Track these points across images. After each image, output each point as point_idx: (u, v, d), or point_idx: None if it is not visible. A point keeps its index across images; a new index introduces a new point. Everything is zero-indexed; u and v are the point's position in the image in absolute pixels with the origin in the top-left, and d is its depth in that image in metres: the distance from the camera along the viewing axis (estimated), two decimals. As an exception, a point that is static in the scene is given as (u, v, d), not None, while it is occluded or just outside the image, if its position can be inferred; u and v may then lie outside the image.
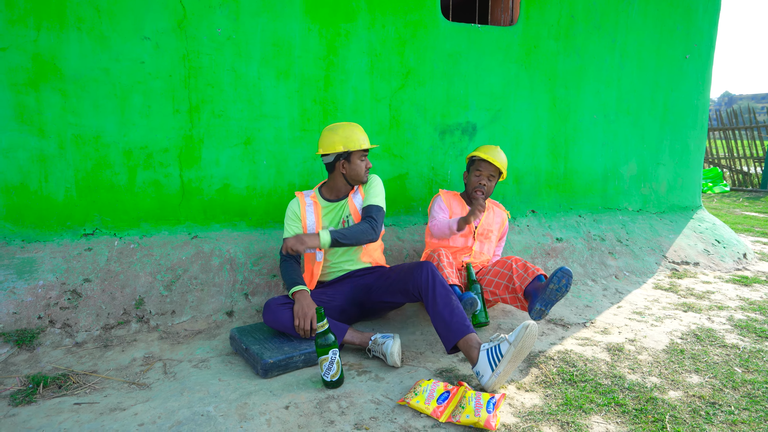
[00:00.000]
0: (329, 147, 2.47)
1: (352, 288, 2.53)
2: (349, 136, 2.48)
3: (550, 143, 3.75)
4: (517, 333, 1.96)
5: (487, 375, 1.96)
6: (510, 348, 1.95)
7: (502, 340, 2.01)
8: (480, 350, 2.03)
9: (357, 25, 3.15)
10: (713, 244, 3.96)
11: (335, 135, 2.47)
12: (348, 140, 2.47)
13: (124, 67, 2.75)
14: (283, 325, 2.30)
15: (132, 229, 2.89)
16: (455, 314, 2.15)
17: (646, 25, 3.85)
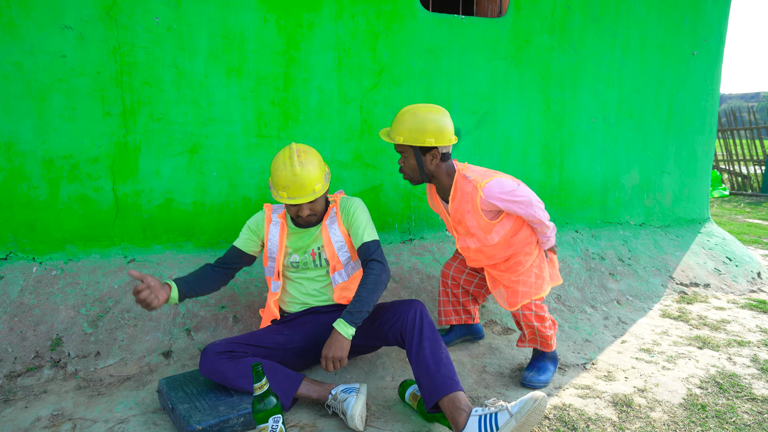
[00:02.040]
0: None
1: (316, 326, 2.10)
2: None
3: (544, 150, 3.34)
4: (522, 404, 1.56)
5: None
6: (510, 421, 1.55)
7: (501, 409, 1.60)
8: (470, 415, 1.63)
9: (322, 15, 2.73)
10: (724, 262, 3.57)
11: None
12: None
13: (40, 62, 2.32)
14: (223, 378, 1.87)
15: (55, 253, 2.46)
16: (443, 365, 1.75)
17: (650, 18, 3.46)
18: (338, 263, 2.07)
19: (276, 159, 1.94)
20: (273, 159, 2.03)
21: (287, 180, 1.88)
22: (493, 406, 1.63)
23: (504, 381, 2.16)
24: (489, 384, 2.14)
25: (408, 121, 2.00)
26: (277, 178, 1.90)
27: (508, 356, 2.40)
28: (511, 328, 2.71)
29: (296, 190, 1.89)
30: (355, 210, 2.08)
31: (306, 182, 1.89)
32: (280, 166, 1.90)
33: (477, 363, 2.33)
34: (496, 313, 2.81)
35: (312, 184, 1.90)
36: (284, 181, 1.88)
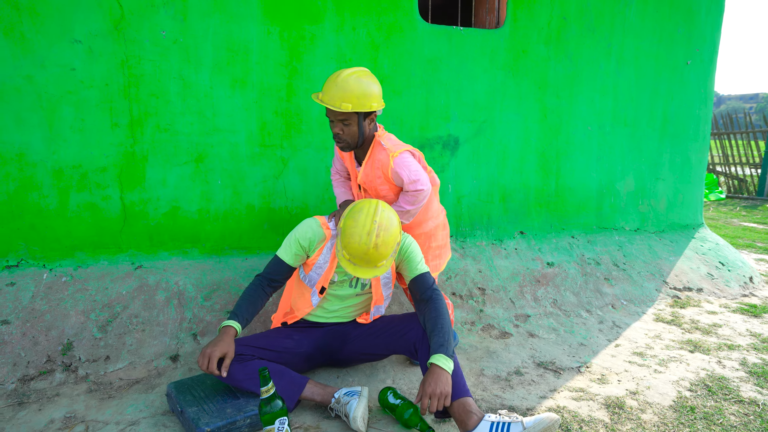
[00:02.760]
0: None
1: (325, 334, 2.17)
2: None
3: (541, 157, 3.42)
4: (538, 421, 1.61)
5: None
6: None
7: (515, 420, 1.65)
8: (482, 419, 1.68)
9: (324, 28, 2.80)
10: (717, 267, 3.65)
11: None
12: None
13: (51, 75, 2.39)
14: (232, 379, 1.94)
15: (65, 260, 2.53)
16: (456, 374, 1.80)
17: (645, 28, 3.54)
18: (380, 298, 2.11)
19: (355, 225, 1.83)
20: (349, 219, 1.86)
21: (360, 253, 1.82)
22: (507, 416, 1.69)
23: (501, 385, 2.23)
24: (486, 387, 2.21)
25: (354, 86, 1.97)
26: (351, 247, 1.83)
27: (505, 360, 2.47)
28: (508, 332, 2.78)
29: (363, 264, 1.86)
30: (409, 245, 2.05)
31: (376, 261, 1.85)
32: (356, 237, 1.81)
33: (475, 366, 2.40)
34: (494, 318, 2.88)
35: (381, 260, 1.87)
36: (356, 252, 1.83)
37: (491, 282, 3.07)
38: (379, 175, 2.13)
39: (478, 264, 3.15)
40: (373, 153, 2.13)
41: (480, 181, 3.29)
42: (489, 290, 3.03)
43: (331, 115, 2.03)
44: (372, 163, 2.14)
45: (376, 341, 2.06)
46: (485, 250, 3.26)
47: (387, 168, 2.09)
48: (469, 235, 3.30)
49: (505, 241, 3.36)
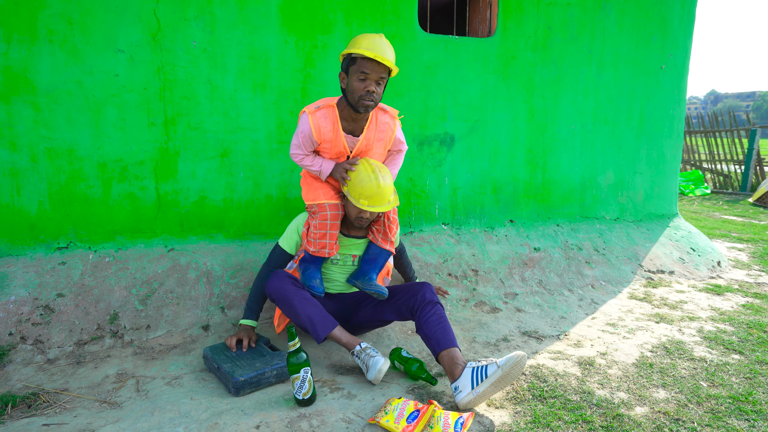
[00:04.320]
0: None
1: (341, 300, 2.54)
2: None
3: (529, 153, 3.78)
4: (508, 359, 1.96)
5: (465, 392, 1.97)
6: (497, 371, 1.95)
7: (491, 362, 2.00)
8: (465, 367, 2.04)
9: (334, 38, 3.15)
10: (688, 252, 4.02)
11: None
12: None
13: (97, 80, 2.73)
14: (285, 297, 2.23)
15: (107, 243, 2.87)
16: (445, 327, 2.19)
17: (623, 36, 3.90)
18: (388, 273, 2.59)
19: (359, 174, 2.24)
20: (352, 174, 2.26)
21: (371, 192, 2.22)
22: (485, 360, 2.05)
23: (490, 349, 2.59)
24: (477, 351, 2.57)
25: (391, 49, 2.18)
26: (363, 190, 2.22)
27: (494, 330, 2.83)
28: (497, 308, 3.14)
29: (378, 201, 2.25)
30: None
31: (386, 195, 2.26)
32: (365, 179, 2.23)
33: (468, 335, 2.75)
34: (485, 296, 3.24)
35: (389, 194, 2.28)
36: (369, 192, 2.22)
37: (483, 264, 3.43)
38: (381, 137, 2.37)
39: (471, 249, 3.51)
40: (377, 116, 2.36)
41: (474, 175, 3.64)
42: (481, 272, 3.38)
43: (376, 73, 2.15)
44: (376, 126, 2.34)
45: (385, 307, 2.42)
46: (478, 237, 3.62)
47: (393, 129, 2.39)
48: (463, 223, 3.66)
49: (497, 229, 3.72)
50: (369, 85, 2.15)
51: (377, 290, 2.36)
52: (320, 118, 2.28)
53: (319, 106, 2.30)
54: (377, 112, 2.36)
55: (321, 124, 2.28)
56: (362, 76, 2.15)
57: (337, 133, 2.31)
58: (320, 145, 2.35)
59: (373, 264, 2.45)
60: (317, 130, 2.28)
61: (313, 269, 2.39)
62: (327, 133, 2.30)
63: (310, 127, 2.27)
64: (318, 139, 2.31)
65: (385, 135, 2.38)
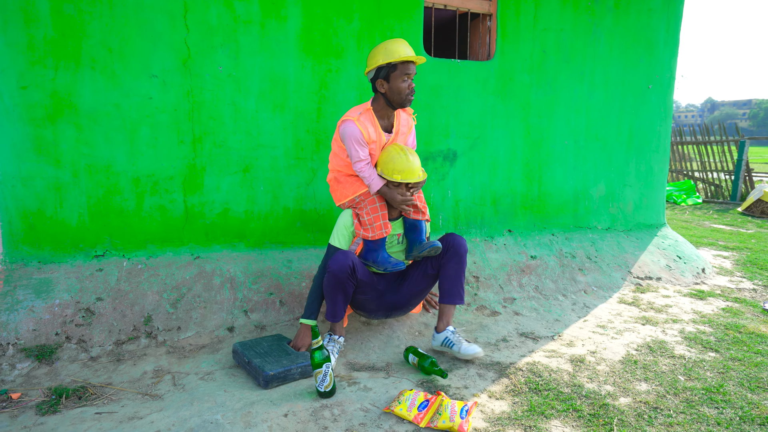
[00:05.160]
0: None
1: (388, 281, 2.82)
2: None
3: (525, 167, 4.06)
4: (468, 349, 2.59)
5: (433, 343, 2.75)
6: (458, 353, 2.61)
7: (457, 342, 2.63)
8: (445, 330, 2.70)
9: (347, 62, 3.43)
10: (675, 259, 4.30)
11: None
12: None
13: (133, 103, 3.00)
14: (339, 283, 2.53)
15: (139, 251, 3.13)
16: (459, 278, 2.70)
17: (612, 58, 4.19)
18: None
19: (389, 153, 2.60)
20: (382, 157, 2.62)
21: (403, 166, 2.56)
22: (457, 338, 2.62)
23: (491, 348, 2.85)
24: (479, 349, 2.83)
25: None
26: (396, 165, 2.55)
27: (494, 331, 3.09)
28: (497, 311, 3.40)
29: (410, 173, 2.57)
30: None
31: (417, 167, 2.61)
32: (395, 156, 2.58)
33: (470, 336, 3.02)
34: (486, 300, 3.50)
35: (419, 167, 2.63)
36: (402, 167, 2.56)
37: (484, 271, 3.70)
38: (404, 131, 2.79)
39: (473, 256, 3.78)
40: (400, 115, 2.78)
41: (474, 188, 3.92)
42: (482, 278, 3.65)
43: (413, 72, 2.59)
44: (400, 121, 2.77)
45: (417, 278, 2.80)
46: (479, 245, 3.89)
47: (411, 125, 2.83)
48: (465, 233, 3.93)
49: (496, 238, 3.99)
50: (411, 83, 2.61)
51: (432, 245, 2.65)
52: (364, 121, 2.63)
53: (359, 112, 2.64)
54: (399, 111, 2.76)
55: (366, 126, 2.62)
56: (406, 77, 2.58)
57: (378, 132, 2.68)
58: (369, 145, 2.64)
59: (418, 232, 2.76)
60: (365, 131, 2.61)
61: (381, 252, 2.66)
62: (372, 134, 2.65)
63: (360, 130, 2.58)
64: (367, 140, 2.62)
65: (406, 128, 2.81)
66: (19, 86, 2.77)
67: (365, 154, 2.64)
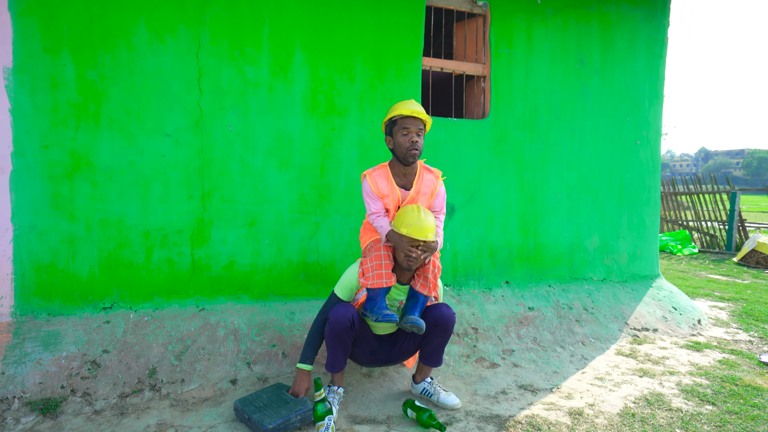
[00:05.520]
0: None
1: (384, 343, 2.88)
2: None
3: (521, 220, 4.20)
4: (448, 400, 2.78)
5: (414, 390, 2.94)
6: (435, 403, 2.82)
7: (435, 392, 2.82)
8: (423, 381, 2.89)
9: (349, 121, 3.63)
10: (670, 311, 4.36)
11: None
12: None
13: (147, 160, 3.16)
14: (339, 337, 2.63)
15: (146, 303, 3.21)
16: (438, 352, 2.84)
17: (600, 116, 4.42)
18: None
19: (405, 208, 2.64)
20: (401, 210, 2.64)
21: (413, 221, 2.56)
22: (435, 387, 2.80)
23: (490, 400, 2.88)
24: (479, 402, 2.86)
25: (422, 108, 2.68)
26: (408, 221, 2.56)
27: (493, 383, 3.13)
28: (496, 363, 3.44)
29: (416, 230, 2.55)
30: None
31: (428, 229, 2.58)
32: (408, 212, 2.60)
33: (470, 388, 3.05)
34: (485, 352, 3.55)
35: (430, 230, 2.59)
36: (413, 223, 2.55)
37: (482, 323, 3.76)
38: (426, 191, 2.79)
39: (471, 308, 3.85)
40: (422, 174, 2.81)
41: (472, 240, 4.04)
42: (481, 329, 3.71)
43: (414, 126, 2.65)
44: (422, 182, 2.79)
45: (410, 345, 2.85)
46: (477, 297, 3.97)
47: (436, 186, 2.82)
48: (463, 284, 4.02)
49: (494, 289, 4.08)
50: (412, 137, 2.65)
51: (415, 323, 2.66)
52: (376, 177, 2.76)
53: (375, 168, 2.81)
54: (422, 171, 2.82)
55: (377, 180, 2.75)
56: (405, 131, 2.65)
57: (391, 187, 2.77)
58: (381, 198, 2.77)
59: (414, 303, 2.73)
60: (375, 186, 2.75)
61: (379, 302, 2.67)
62: (384, 188, 2.76)
63: (369, 185, 2.76)
64: (377, 194, 2.75)
65: (429, 189, 2.82)
66: (42, 145, 2.93)
67: (377, 207, 2.77)
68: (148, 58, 3.12)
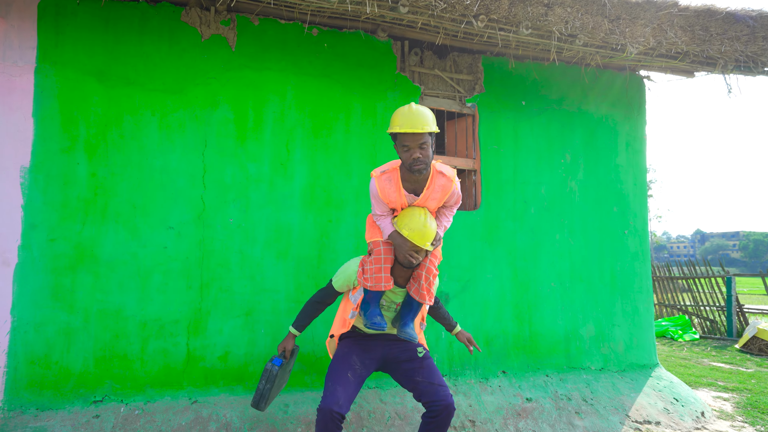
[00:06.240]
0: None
1: (383, 358, 2.81)
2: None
3: (515, 309, 4.23)
4: None
5: None
6: None
7: None
8: None
9: (346, 213, 3.78)
10: (672, 402, 4.28)
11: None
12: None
13: (149, 252, 3.27)
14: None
15: (138, 395, 3.17)
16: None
17: (588, 207, 4.59)
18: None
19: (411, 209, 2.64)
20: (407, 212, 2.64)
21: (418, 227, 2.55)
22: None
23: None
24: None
25: (426, 113, 2.52)
26: (410, 225, 2.56)
27: None
28: None
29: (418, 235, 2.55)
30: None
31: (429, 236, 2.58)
32: (414, 215, 2.60)
33: None
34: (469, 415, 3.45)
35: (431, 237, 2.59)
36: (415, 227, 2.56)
37: (480, 415, 3.68)
38: (436, 197, 2.68)
39: (468, 399, 3.78)
40: (434, 180, 2.65)
41: (467, 329, 4.04)
42: (478, 422, 3.62)
43: (413, 142, 2.49)
44: (434, 187, 2.66)
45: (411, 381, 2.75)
46: (474, 387, 3.91)
47: (449, 190, 2.68)
48: (460, 374, 3.97)
49: (490, 379, 4.03)
50: (413, 153, 2.51)
51: (408, 336, 2.65)
52: (384, 180, 2.65)
53: (384, 170, 2.68)
54: (435, 175, 2.65)
55: (384, 186, 2.65)
56: (405, 148, 2.53)
57: (399, 192, 2.66)
58: (389, 203, 2.70)
59: (408, 310, 2.73)
60: (382, 191, 2.65)
61: (373, 308, 2.67)
62: (391, 193, 2.66)
63: (377, 189, 2.65)
64: (383, 198, 2.67)
65: (440, 195, 2.70)
66: (49, 239, 3.06)
67: (381, 210, 2.73)
68: (157, 156, 3.33)
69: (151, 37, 3.39)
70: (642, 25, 3.50)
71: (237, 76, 3.57)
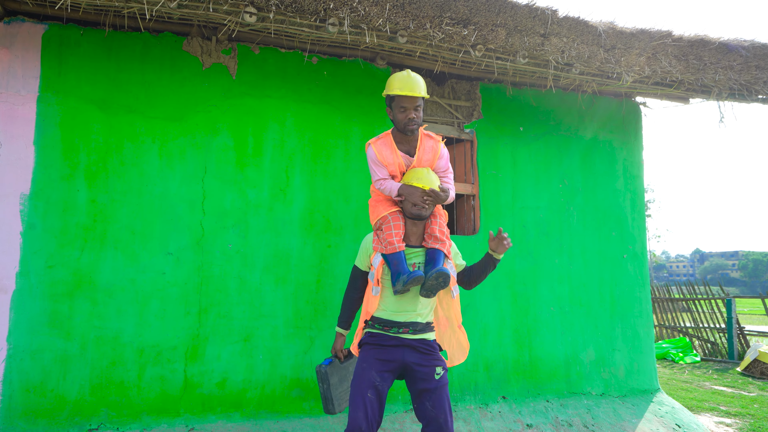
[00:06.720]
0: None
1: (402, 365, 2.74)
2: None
3: (515, 333, 4.21)
4: None
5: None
6: None
7: None
8: None
9: (345, 238, 3.79)
10: (674, 429, 4.23)
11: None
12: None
13: (147, 278, 3.26)
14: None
15: (134, 423, 3.14)
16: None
17: (587, 232, 4.61)
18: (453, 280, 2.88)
19: (413, 169, 2.83)
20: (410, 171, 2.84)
21: (420, 174, 2.77)
22: None
23: None
24: None
25: (421, 80, 2.78)
26: (414, 174, 2.78)
27: None
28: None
29: (425, 182, 2.74)
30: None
31: (433, 180, 2.77)
32: (417, 171, 2.80)
33: None
34: (483, 476, 3.40)
35: (435, 182, 2.77)
36: (417, 176, 2.77)
37: (480, 443, 3.64)
38: (428, 157, 2.91)
39: (468, 425, 3.74)
40: (423, 141, 2.91)
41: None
42: (478, 450, 3.58)
43: (410, 104, 2.76)
44: (424, 148, 2.90)
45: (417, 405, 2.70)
46: (474, 413, 3.87)
47: (437, 151, 2.93)
48: (459, 400, 3.94)
49: (490, 405, 3.99)
50: (409, 113, 2.77)
51: (443, 270, 2.65)
52: (381, 146, 2.88)
53: (378, 138, 2.94)
54: (424, 137, 2.92)
55: (381, 149, 2.87)
56: (402, 109, 2.78)
57: (395, 153, 2.88)
58: (387, 166, 2.88)
59: (433, 264, 2.73)
60: (379, 153, 2.86)
61: (397, 263, 2.67)
62: (388, 156, 2.87)
63: (375, 153, 2.86)
64: (381, 160, 2.86)
65: (431, 156, 2.94)
66: (47, 265, 3.06)
67: (383, 173, 2.89)
68: (157, 182, 3.36)
69: (152, 66, 3.44)
70: (636, 54, 3.56)
71: (237, 103, 3.61)
